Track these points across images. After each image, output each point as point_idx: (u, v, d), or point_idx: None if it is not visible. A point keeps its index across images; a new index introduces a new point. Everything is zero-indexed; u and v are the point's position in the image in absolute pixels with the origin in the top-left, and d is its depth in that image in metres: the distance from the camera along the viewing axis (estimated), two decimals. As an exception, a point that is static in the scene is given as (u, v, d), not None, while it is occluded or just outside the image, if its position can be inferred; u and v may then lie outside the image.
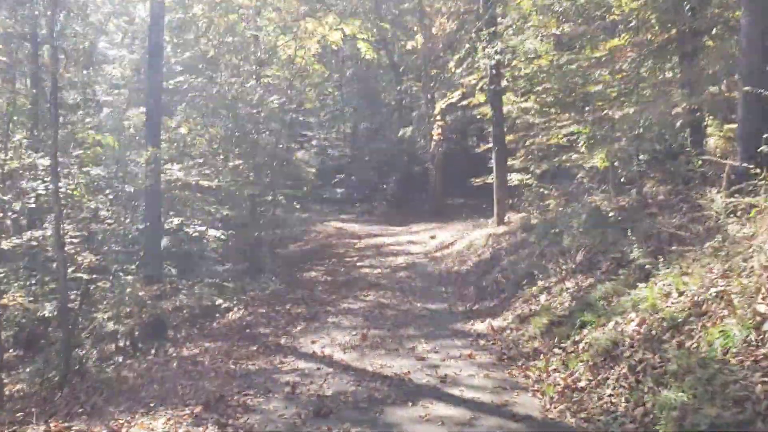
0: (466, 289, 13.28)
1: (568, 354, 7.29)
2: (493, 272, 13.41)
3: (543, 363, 7.43)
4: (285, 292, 15.17)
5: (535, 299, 9.90)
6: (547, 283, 10.40)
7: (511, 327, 9.21)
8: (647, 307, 6.84)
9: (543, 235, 13.90)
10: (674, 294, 6.89)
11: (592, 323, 7.50)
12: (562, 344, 7.65)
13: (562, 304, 8.74)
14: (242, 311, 13.38)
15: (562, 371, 7.04)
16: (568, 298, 8.84)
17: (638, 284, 7.56)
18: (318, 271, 17.75)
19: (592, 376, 6.56)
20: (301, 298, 13.72)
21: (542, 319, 8.56)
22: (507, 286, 11.80)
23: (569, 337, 7.66)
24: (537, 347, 7.99)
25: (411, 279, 15.16)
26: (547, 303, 9.27)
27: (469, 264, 16.06)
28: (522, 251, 13.68)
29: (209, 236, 14.76)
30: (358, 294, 13.58)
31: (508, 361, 7.88)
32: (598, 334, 7.12)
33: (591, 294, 8.25)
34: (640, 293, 7.28)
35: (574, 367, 6.89)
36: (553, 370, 7.17)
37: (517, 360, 7.87)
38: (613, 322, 7.15)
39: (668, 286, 7.01)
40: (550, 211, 17.83)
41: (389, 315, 11.19)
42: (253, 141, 17.61)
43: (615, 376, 6.30)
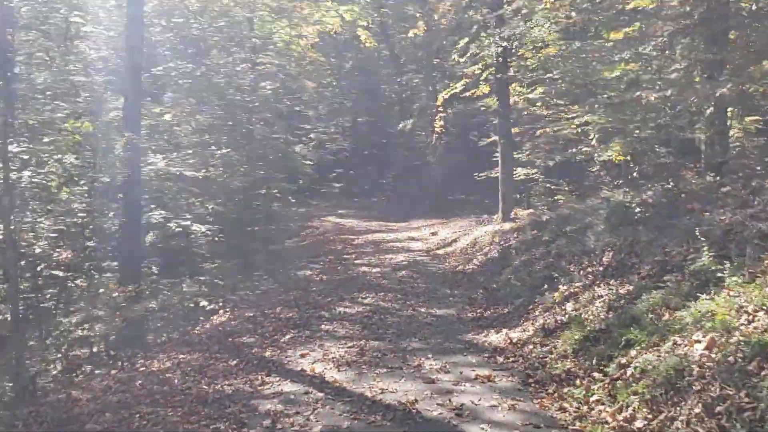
0: (474, 292, 11.72)
1: (613, 381, 5.73)
2: (505, 273, 11.85)
3: (581, 391, 5.86)
4: (277, 292, 13.62)
5: (559, 307, 8.33)
6: (571, 288, 8.84)
7: (533, 341, 7.64)
8: (716, 325, 5.29)
9: (557, 233, 12.37)
10: (750, 308, 5.36)
11: (640, 342, 5.94)
12: (603, 367, 6.10)
13: (597, 316, 7.18)
14: (228, 314, 11.82)
15: (609, 404, 5.47)
16: (603, 307, 7.27)
17: (698, 294, 6.02)
18: (313, 270, 16.19)
19: (651, 415, 4.99)
20: (293, 300, 12.16)
21: (573, 333, 7.01)
22: (522, 291, 10.24)
23: (612, 358, 6.10)
24: (570, 369, 6.43)
25: (413, 279, 13.60)
26: (575, 313, 7.70)
27: (475, 263, 14.51)
28: (535, 250, 12.13)
29: (196, 231, 13.18)
30: (355, 296, 12.02)
31: (536, 387, 6.32)
32: (652, 357, 5.56)
33: (634, 305, 6.69)
34: (702, 306, 5.73)
35: (625, 399, 5.33)
36: (595, 402, 5.60)
37: (547, 385, 6.31)
38: (670, 343, 5.59)
39: (743, 299, 5.47)
40: (562, 207, 16.34)
41: (390, 322, 9.63)
42: (246, 130, 16.04)
43: (684, 416, 4.74)
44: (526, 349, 7.50)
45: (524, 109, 20.70)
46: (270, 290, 14.02)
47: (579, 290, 8.50)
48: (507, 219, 17.97)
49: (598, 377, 5.98)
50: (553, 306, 8.53)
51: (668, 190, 10.47)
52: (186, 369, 7.78)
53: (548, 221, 14.29)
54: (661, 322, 6.10)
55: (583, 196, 17.03)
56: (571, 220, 12.58)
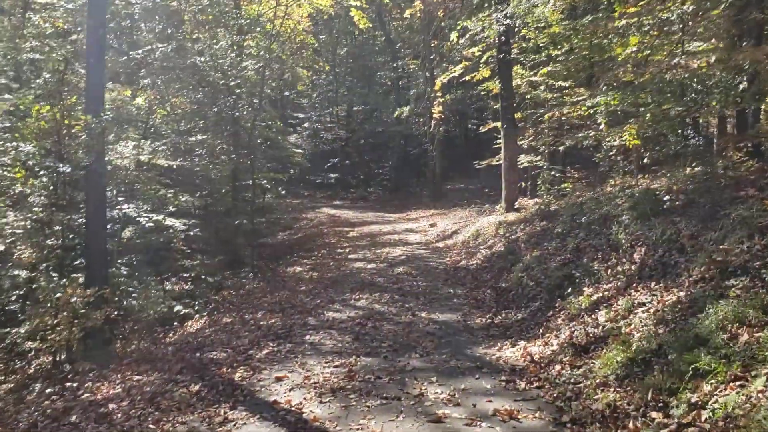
0: (481, 292, 10.14)
1: (683, 428, 4.15)
2: (515, 270, 10.25)
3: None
4: (262, 292, 12.03)
5: (588, 316, 6.73)
6: (599, 291, 7.24)
7: (561, 360, 6.04)
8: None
9: (571, 224, 10.79)
10: None
11: (715, 373, 4.36)
12: (662, 404, 4.51)
13: (643, 331, 5.57)
14: (204, 320, 10.23)
15: (682, 464, 3.91)
16: (650, 320, 5.66)
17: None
18: (304, 265, 14.58)
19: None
20: (278, 302, 10.57)
21: (615, 353, 5.40)
22: (538, 292, 8.64)
23: (675, 393, 4.51)
24: (617, 403, 4.83)
25: (411, 276, 12.01)
26: (612, 325, 6.09)
27: (479, 258, 12.91)
28: (548, 244, 10.53)
29: (171, 226, 11.55)
30: (347, 297, 10.43)
31: (573, 429, 4.73)
32: (737, 397, 3.98)
33: (696, 319, 5.09)
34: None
35: (707, 460, 3.76)
36: (661, 459, 4.04)
37: (587, 425, 4.72)
38: (763, 379, 4.02)
39: None
40: (573, 195, 14.74)
41: (386, 331, 8.03)
42: (228, 116, 14.36)
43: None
44: (552, 371, 5.90)
45: (526, 93, 19.05)
46: (255, 290, 12.41)
47: (611, 294, 6.90)
48: (511, 209, 16.37)
49: (658, 419, 4.38)
50: (579, 314, 6.92)
51: (706, 174, 8.86)
52: (136, 398, 6.17)
53: (558, 211, 12.73)
54: (738, 344, 4.50)
55: (593, 183, 15.46)
56: (586, 210, 11.00)
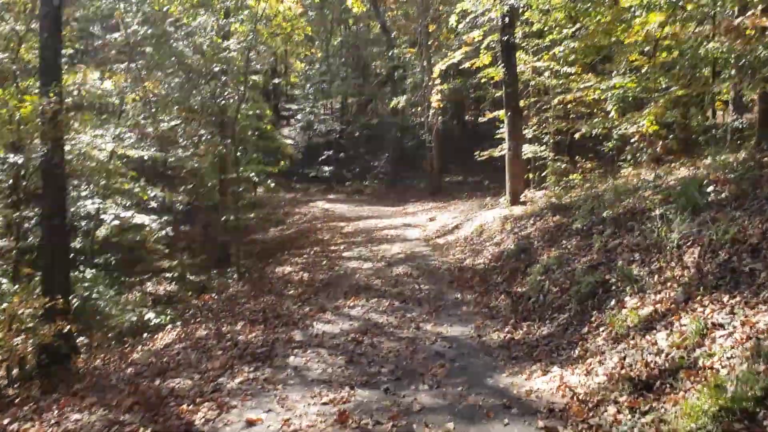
0: (492, 298, 8.60)
1: None
2: (532, 273, 8.71)
3: None
4: (247, 296, 10.48)
5: (641, 337, 5.19)
6: (648, 303, 5.70)
7: (615, 398, 4.49)
8: None
9: (591, 219, 9.28)
10: None
11: None
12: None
13: (728, 365, 4.05)
14: (177, 331, 8.68)
15: None
16: (739, 350, 4.14)
17: None
18: (294, 265, 13.03)
19: None
20: (261, 310, 9.03)
21: (701, 399, 3.87)
22: (565, 301, 7.11)
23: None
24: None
25: (412, 278, 10.47)
26: (680, 353, 4.55)
27: (486, 256, 11.37)
28: (566, 242, 9.01)
29: (146, 224, 9.98)
30: (341, 304, 8.89)
31: None
32: None
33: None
34: None
35: None
36: None
37: None
38: None
39: None
40: (585, 187, 13.25)
41: (386, 351, 6.50)
42: (212, 104, 12.76)
43: None
44: (605, 414, 4.36)
45: (530, 80, 17.48)
46: (239, 294, 10.87)
47: (666, 309, 5.37)
48: (516, 202, 14.84)
49: None
50: (628, 333, 5.39)
51: (752, 161, 7.36)
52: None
53: (572, 204, 11.24)
54: None
55: (606, 174, 13.95)
56: (606, 203, 9.50)
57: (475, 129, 27.63)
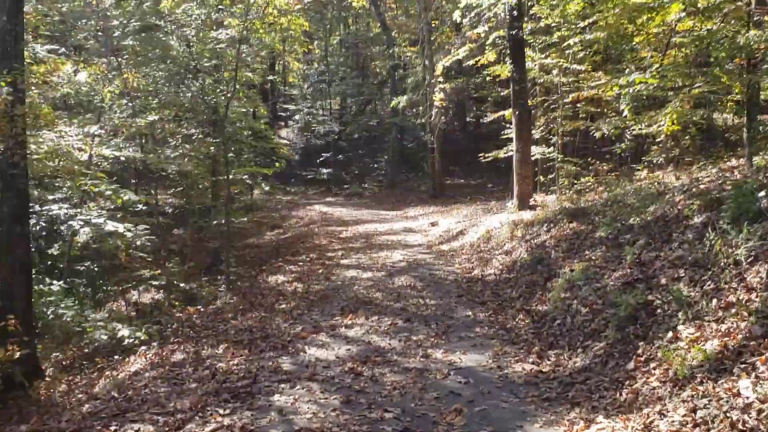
0: (509, 317, 7.44)
1: None
2: (552, 288, 7.56)
3: None
4: (234, 310, 9.30)
5: (713, 382, 4.04)
6: (711, 333, 4.54)
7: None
8: None
9: (618, 227, 8.13)
10: None
11: None
12: None
13: None
14: (152, 354, 7.50)
15: None
16: None
17: None
18: (288, 273, 11.87)
19: None
20: (248, 329, 7.85)
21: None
22: (601, 326, 5.93)
23: None
24: None
25: (416, 291, 9.31)
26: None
27: (496, 266, 10.22)
28: (590, 253, 7.86)
29: (119, 231, 8.78)
30: (337, 322, 7.73)
31: None
32: None
33: None
34: None
35: None
36: None
37: None
38: None
39: None
40: (599, 191, 12.16)
41: (390, 387, 5.33)
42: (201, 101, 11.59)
43: None
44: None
45: (537, 78, 16.33)
46: (226, 307, 9.69)
47: (740, 344, 4.21)
48: (524, 207, 13.70)
49: None
50: (693, 375, 4.23)
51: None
52: None
53: (589, 210, 10.12)
54: None
55: (621, 177, 12.82)
56: (632, 209, 8.38)
57: (477, 131, 26.51)
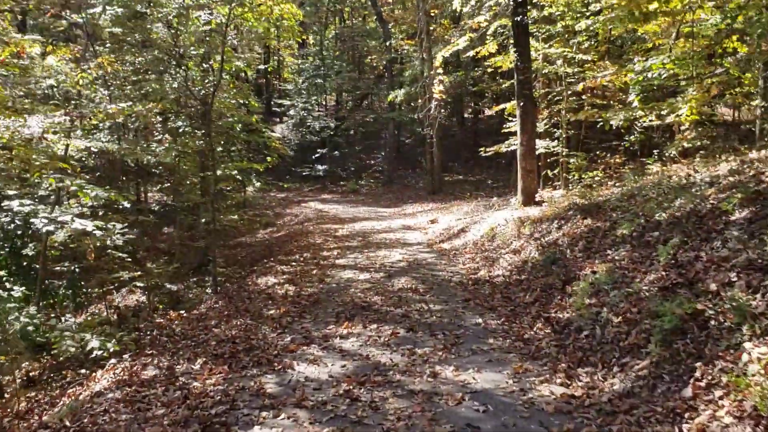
0: (525, 325, 6.47)
1: None
2: (573, 293, 6.59)
3: None
4: (219, 316, 8.32)
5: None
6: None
7: None
8: None
9: (643, 224, 7.19)
10: None
11: None
12: None
13: None
14: (120, 369, 6.52)
15: None
16: None
17: None
18: (280, 275, 10.88)
19: None
20: (231, 339, 6.87)
21: None
22: (640, 340, 4.96)
23: None
24: None
25: (419, 294, 8.35)
26: None
27: (504, 266, 9.27)
28: (613, 253, 6.92)
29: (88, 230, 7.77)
30: (331, 332, 6.76)
31: None
32: None
33: None
34: None
35: None
36: None
37: None
38: None
39: None
40: (609, 185, 11.25)
41: (393, 417, 4.34)
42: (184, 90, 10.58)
43: None
44: None
45: (541, 69, 15.37)
46: (211, 313, 8.71)
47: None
48: (530, 202, 12.77)
49: None
50: None
51: None
52: None
53: (604, 205, 9.20)
54: None
55: (636, 170, 11.89)
56: (656, 204, 7.46)
57: (475, 126, 25.55)
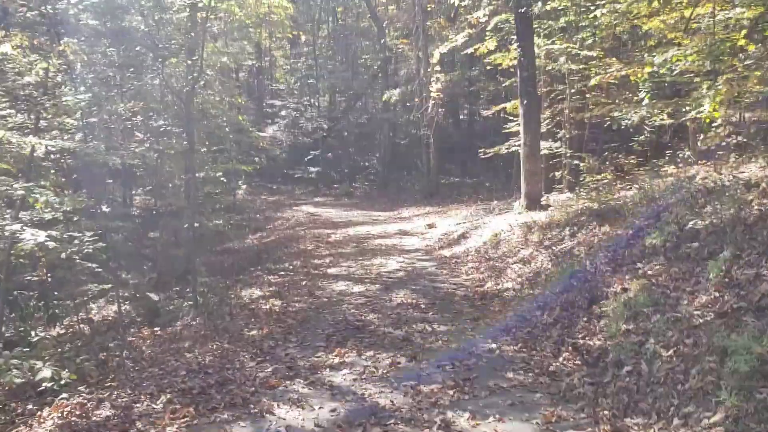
0: (548, 352, 5.41)
1: None
2: (600, 313, 5.54)
3: None
4: (192, 339, 7.21)
5: None
6: None
7: None
8: None
9: (675, 233, 6.17)
10: None
11: None
12: None
13: None
14: (70, 407, 5.41)
15: None
16: None
17: None
18: (266, 286, 9.78)
19: None
20: (203, 370, 5.77)
21: None
22: (704, 383, 3.91)
23: None
24: None
25: (420, 311, 7.27)
26: None
27: (513, 277, 8.22)
28: (644, 266, 5.89)
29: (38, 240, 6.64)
30: (319, 360, 5.66)
31: None
32: None
33: None
34: None
35: None
36: None
37: None
38: None
39: None
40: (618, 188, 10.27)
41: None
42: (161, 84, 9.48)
43: None
44: None
45: (543, 67, 14.35)
46: (185, 332, 7.59)
47: None
48: (535, 207, 11.73)
49: None
50: None
51: None
52: None
53: (621, 209, 8.23)
54: None
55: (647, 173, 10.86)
56: (687, 209, 6.46)
57: (471, 128, 24.55)
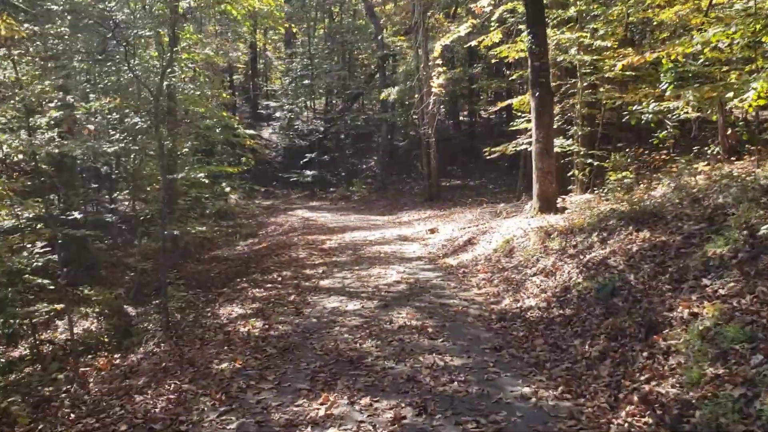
0: (601, 399, 3.99)
1: None
2: (665, 346, 4.15)
3: None
4: (150, 375, 5.77)
5: None
6: None
7: None
8: None
9: (743, 240, 4.77)
10: None
11: None
12: None
13: None
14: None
15: None
16: None
17: None
18: (248, 302, 8.34)
19: None
20: (148, 424, 4.35)
21: None
22: None
23: None
24: None
25: (427, 335, 5.83)
26: None
27: (535, 292, 6.79)
28: (712, 283, 4.48)
29: None
30: (300, 412, 4.22)
31: None
32: None
33: None
34: None
35: None
36: None
37: None
38: None
39: None
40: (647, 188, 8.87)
41: None
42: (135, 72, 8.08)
43: None
44: None
45: (554, 58, 12.96)
46: (144, 363, 6.16)
47: None
48: (550, 209, 10.30)
49: None
50: None
51: None
52: None
53: (659, 212, 6.84)
54: None
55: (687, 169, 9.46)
56: (751, 210, 5.07)
57: (472, 128, 23.18)
